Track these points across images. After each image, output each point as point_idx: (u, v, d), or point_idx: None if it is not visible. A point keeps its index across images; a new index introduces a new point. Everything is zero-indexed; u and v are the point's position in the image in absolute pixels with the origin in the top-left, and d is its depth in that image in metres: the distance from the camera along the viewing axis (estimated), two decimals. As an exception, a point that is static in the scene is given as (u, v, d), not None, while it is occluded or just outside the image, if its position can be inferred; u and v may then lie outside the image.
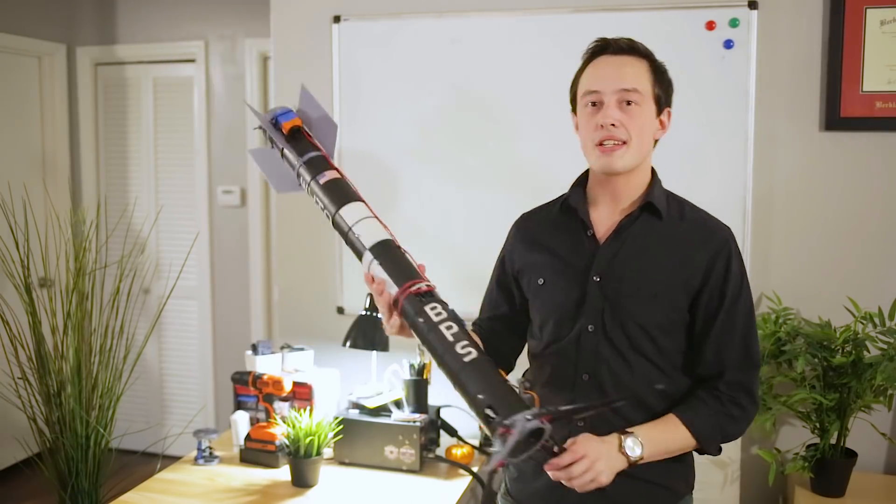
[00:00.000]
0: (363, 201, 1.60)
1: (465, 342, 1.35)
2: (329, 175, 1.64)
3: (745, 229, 2.53)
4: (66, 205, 4.15)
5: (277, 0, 2.94)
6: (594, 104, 1.50)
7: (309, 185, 1.67)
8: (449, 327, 1.37)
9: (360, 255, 1.53)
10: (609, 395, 1.50)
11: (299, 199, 2.97)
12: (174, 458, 2.70)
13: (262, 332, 4.10)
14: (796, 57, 2.50)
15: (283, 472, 2.43)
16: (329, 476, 2.40)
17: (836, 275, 2.52)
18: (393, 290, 1.44)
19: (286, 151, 1.68)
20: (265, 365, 2.61)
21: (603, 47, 1.53)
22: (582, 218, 1.56)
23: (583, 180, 1.62)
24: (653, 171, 1.59)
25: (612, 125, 1.47)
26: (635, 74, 1.48)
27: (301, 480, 2.33)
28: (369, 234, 1.51)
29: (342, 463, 2.49)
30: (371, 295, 2.64)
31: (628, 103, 1.47)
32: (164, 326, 4.21)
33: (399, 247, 1.49)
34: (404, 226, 2.83)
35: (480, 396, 1.28)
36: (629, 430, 1.44)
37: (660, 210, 1.52)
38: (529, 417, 1.21)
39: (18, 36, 4.04)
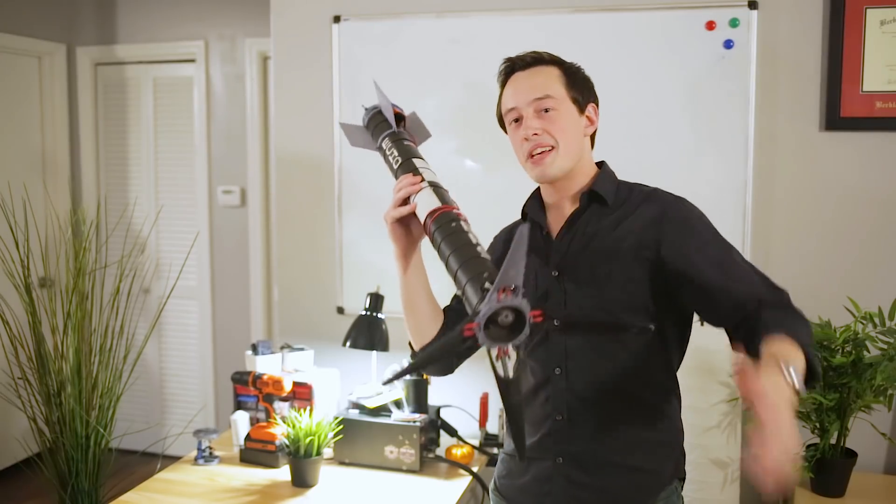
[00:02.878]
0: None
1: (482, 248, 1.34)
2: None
3: (745, 229, 2.53)
4: (66, 205, 4.15)
5: (277, 0, 2.94)
6: (516, 121, 1.56)
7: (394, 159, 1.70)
8: (476, 243, 1.35)
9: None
10: (584, 387, 1.50)
11: (300, 199, 2.98)
12: (174, 458, 2.69)
13: (262, 332, 4.10)
14: (796, 57, 2.50)
15: (283, 472, 2.43)
16: (329, 476, 2.40)
17: (835, 275, 2.52)
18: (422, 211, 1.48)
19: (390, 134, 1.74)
20: (265, 365, 2.61)
21: (511, 67, 1.59)
22: (537, 221, 1.60)
23: (537, 191, 1.67)
24: (602, 164, 1.62)
25: (535, 134, 1.52)
26: (545, 82, 1.53)
27: (301, 480, 2.33)
28: (424, 205, 1.51)
29: (342, 463, 2.49)
30: (371, 295, 2.64)
31: (546, 111, 1.52)
32: (164, 326, 4.21)
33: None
34: (404, 226, 2.83)
35: (485, 275, 1.28)
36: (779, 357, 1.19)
37: (603, 196, 1.54)
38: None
39: (18, 36, 4.04)
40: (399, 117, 1.73)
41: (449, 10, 2.73)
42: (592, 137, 1.61)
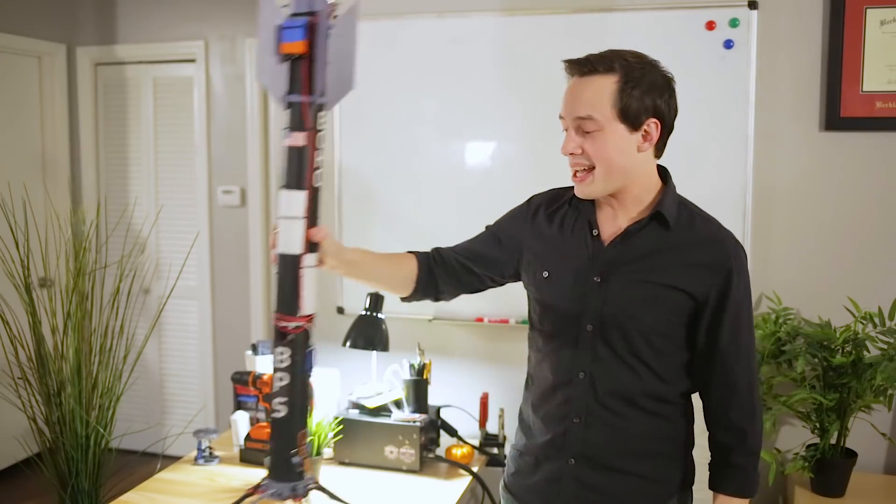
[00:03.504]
0: (309, 189, 1.39)
1: (283, 399, 1.36)
2: (295, 138, 1.35)
3: (745, 229, 2.53)
4: (66, 205, 4.15)
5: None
6: (565, 129, 1.50)
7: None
8: (280, 378, 1.36)
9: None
10: (605, 394, 1.51)
11: (299, 199, 2.97)
12: (174, 458, 2.70)
13: (262, 332, 4.10)
14: (796, 57, 2.50)
15: (283, 472, 2.42)
16: (329, 476, 2.40)
17: (835, 275, 2.52)
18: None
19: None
20: (265, 365, 2.61)
21: (568, 70, 1.50)
22: (588, 218, 1.56)
23: None
24: (667, 177, 1.56)
25: (572, 154, 1.47)
26: (592, 99, 1.43)
27: (301, 480, 2.33)
28: (285, 239, 1.39)
29: (342, 463, 2.49)
30: (371, 295, 2.64)
31: (588, 132, 1.45)
32: (164, 326, 4.21)
33: (301, 267, 1.38)
34: (403, 223, 2.83)
35: (266, 458, 1.38)
36: None
37: (667, 218, 1.50)
38: (277, 490, 1.35)
39: (18, 36, 4.04)
40: (292, 58, 1.36)
41: (449, 10, 2.73)
42: (659, 148, 1.50)
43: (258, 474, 2.41)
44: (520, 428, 1.69)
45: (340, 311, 2.92)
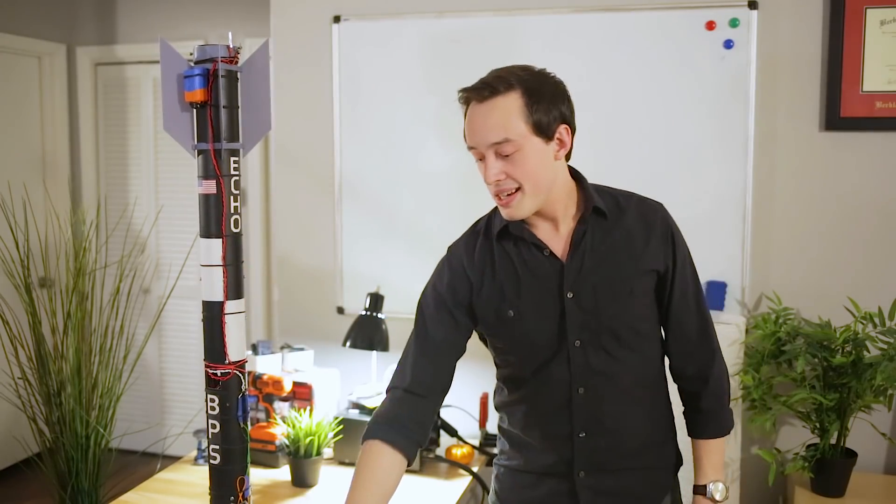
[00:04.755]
0: (224, 237, 1.35)
1: (217, 446, 1.37)
2: (207, 186, 1.34)
3: (745, 229, 2.53)
4: (66, 205, 4.15)
5: (277, 0, 2.94)
6: (480, 159, 1.46)
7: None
8: (213, 426, 1.38)
9: None
10: (605, 401, 1.52)
11: (300, 199, 2.98)
12: (174, 458, 2.70)
13: (262, 332, 4.09)
14: (796, 57, 2.50)
15: (283, 472, 2.43)
16: (329, 476, 2.40)
17: (836, 275, 2.52)
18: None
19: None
20: (265, 365, 2.61)
21: (467, 99, 1.47)
22: (532, 241, 1.52)
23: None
24: (577, 175, 1.55)
25: (498, 180, 1.43)
26: (502, 120, 1.40)
27: (301, 480, 2.33)
28: (207, 286, 1.37)
29: (342, 463, 2.49)
30: (371, 295, 2.64)
31: (507, 155, 1.41)
32: (164, 326, 4.21)
33: (224, 314, 1.37)
34: (404, 225, 2.83)
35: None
36: (698, 484, 1.61)
37: (605, 211, 1.51)
38: None
39: (18, 36, 4.04)
40: (196, 105, 1.33)
41: (449, 10, 2.73)
42: (569, 153, 1.50)
43: (257, 474, 2.41)
44: (510, 446, 1.64)
45: (340, 311, 2.92)
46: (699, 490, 1.60)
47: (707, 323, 1.60)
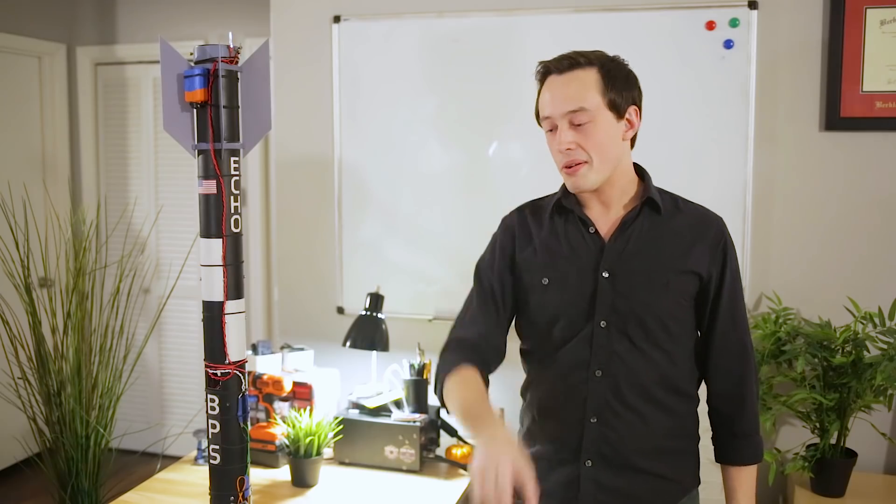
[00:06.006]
0: (224, 237, 1.36)
1: (217, 446, 1.39)
2: (207, 186, 1.36)
3: (745, 229, 2.53)
4: (66, 205, 4.15)
5: (277, 0, 2.94)
6: (551, 130, 1.52)
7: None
8: (213, 426, 1.38)
9: None
10: (621, 390, 1.52)
11: (300, 199, 2.98)
12: (174, 458, 2.70)
13: (262, 332, 4.10)
14: (796, 57, 2.50)
15: (283, 472, 2.43)
16: (329, 476, 2.40)
17: (836, 275, 2.52)
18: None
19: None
20: (265, 365, 2.61)
21: (546, 70, 1.53)
22: (581, 217, 1.56)
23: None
24: (641, 169, 1.61)
25: (569, 149, 1.48)
26: (579, 92, 1.47)
27: (301, 480, 2.33)
28: (207, 287, 1.39)
29: (342, 463, 2.49)
30: (371, 295, 2.65)
31: (580, 124, 1.47)
32: (164, 326, 4.21)
33: (224, 314, 1.38)
34: (404, 225, 2.83)
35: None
36: None
37: (659, 205, 1.55)
38: None
39: (18, 36, 4.04)
40: (197, 105, 1.34)
41: (449, 10, 2.73)
42: (633, 138, 1.57)
43: (257, 474, 2.41)
44: (524, 435, 1.67)
45: (340, 311, 2.92)
46: None
47: (749, 346, 1.59)
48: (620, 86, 1.49)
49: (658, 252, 1.52)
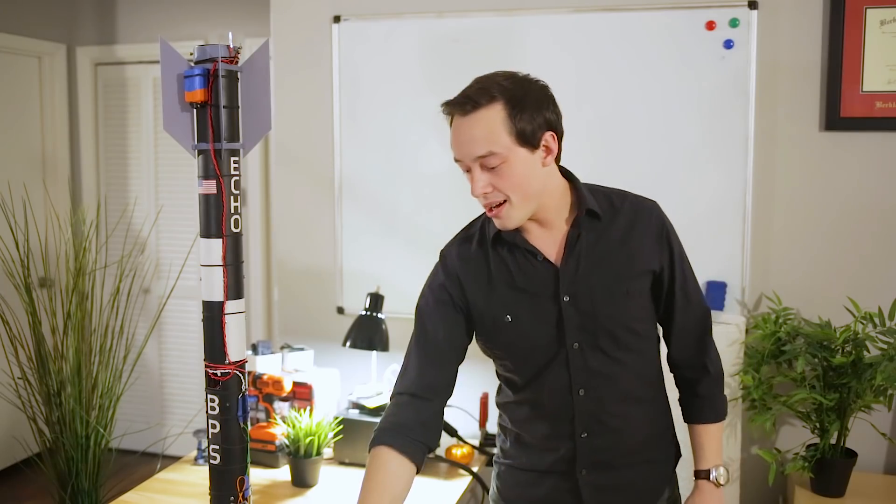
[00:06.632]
0: (224, 237, 1.35)
1: (217, 446, 1.38)
2: (207, 186, 1.35)
3: (745, 229, 2.53)
4: (66, 205, 4.15)
5: (277, 0, 2.94)
6: (467, 171, 1.45)
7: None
8: (213, 426, 1.38)
9: None
10: (605, 402, 1.52)
11: (300, 199, 2.98)
12: (174, 458, 2.70)
13: (262, 332, 4.09)
14: (796, 57, 2.50)
15: (283, 472, 2.43)
16: (329, 476, 2.40)
17: (836, 275, 2.52)
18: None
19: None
20: (265, 365, 2.61)
21: (450, 112, 1.47)
22: (525, 247, 1.51)
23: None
24: (569, 176, 1.54)
25: (485, 193, 1.43)
26: (485, 134, 1.40)
27: (301, 480, 2.33)
28: (207, 286, 1.38)
29: (342, 463, 2.49)
30: (371, 295, 2.64)
31: (493, 167, 1.41)
32: (164, 326, 4.21)
33: (224, 314, 1.38)
34: (404, 225, 2.83)
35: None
36: (700, 469, 1.62)
37: (598, 213, 1.51)
38: None
39: (18, 36, 4.04)
40: (196, 105, 1.34)
41: (449, 10, 2.73)
42: (558, 157, 1.49)
43: (257, 474, 2.41)
44: (511, 445, 1.64)
45: (340, 311, 2.92)
46: (702, 475, 1.61)
47: (705, 313, 1.63)
48: (530, 114, 1.41)
49: (610, 263, 1.50)
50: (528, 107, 1.41)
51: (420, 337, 1.59)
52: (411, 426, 1.49)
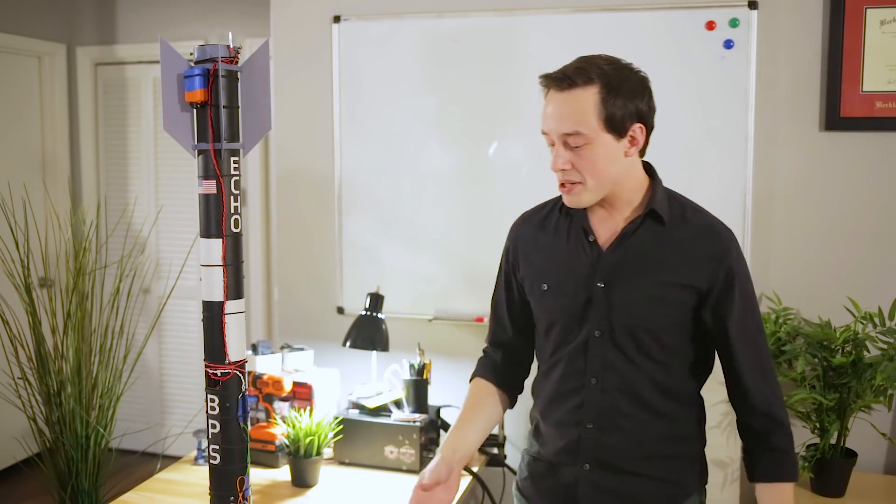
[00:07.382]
0: (224, 237, 1.35)
1: (217, 446, 1.39)
2: (207, 186, 1.35)
3: (745, 229, 2.53)
4: (66, 205, 4.15)
5: (277, 0, 2.94)
6: (552, 144, 1.49)
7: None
8: (213, 426, 1.39)
9: None
10: (618, 399, 1.52)
11: (300, 199, 2.98)
12: (174, 458, 2.70)
13: (262, 332, 4.09)
14: (796, 57, 2.50)
15: (283, 472, 2.43)
16: (329, 476, 2.40)
17: (836, 275, 2.52)
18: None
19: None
20: (265, 365, 2.61)
21: (546, 84, 1.48)
22: (582, 225, 1.55)
23: None
24: (653, 173, 1.57)
25: (563, 169, 1.46)
26: (575, 113, 1.42)
27: (301, 480, 2.33)
28: (207, 287, 1.39)
29: (342, 463, 2.49)
30: (371, 295, 2.64)
31: (576, 146, 1.44)
32: (164, 326, 4.21)
33: (224, 314, 1.39)
34: (404, 225, 2.83)
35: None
36: None
37: (661, 215, 1.51)
38: None
39: (18, 36, 4.04)
40: (196, 105, 1.34)
41: (449, 10, 2.73)
42: (643, 150, 1.52)
43: (257, 474, 2.41)
44: (532, 434, 1.69)
45: (340, 311, 2.92)
46: None
47: (767, 360, 1.54)
48: (623, 101, 1.43)
49: (656, 265, 1.49)
50: (623, 94, 1.44)
51: (495, 294, 1.73)
52: (499, 370, 1.70)
